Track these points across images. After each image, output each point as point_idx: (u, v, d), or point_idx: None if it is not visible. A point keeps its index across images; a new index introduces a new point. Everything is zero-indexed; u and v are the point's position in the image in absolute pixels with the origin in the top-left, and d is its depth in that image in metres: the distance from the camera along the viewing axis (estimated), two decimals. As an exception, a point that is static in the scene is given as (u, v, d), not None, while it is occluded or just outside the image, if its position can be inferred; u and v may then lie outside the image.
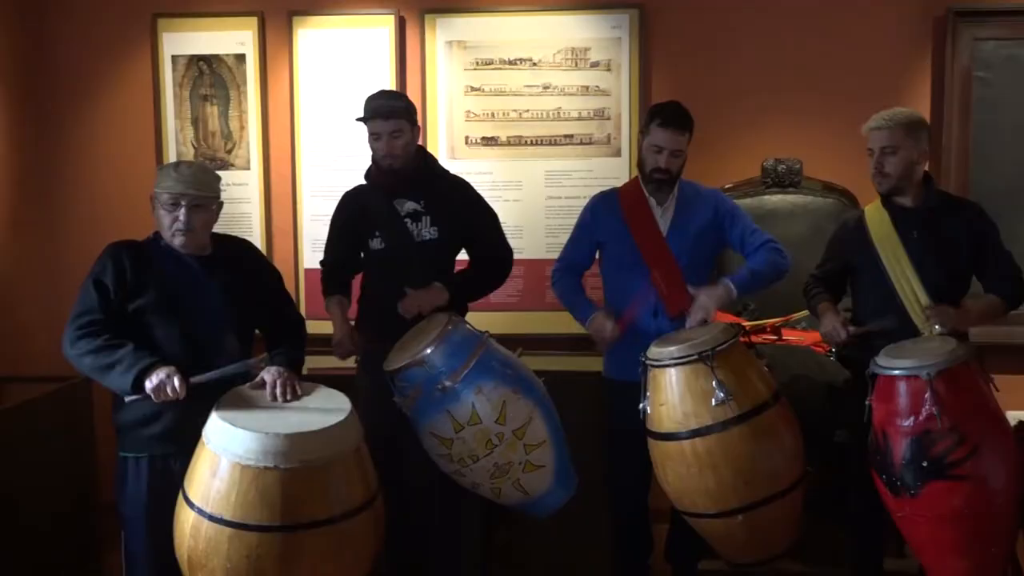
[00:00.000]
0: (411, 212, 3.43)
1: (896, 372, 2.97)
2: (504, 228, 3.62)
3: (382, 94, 3.46)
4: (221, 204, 3.11)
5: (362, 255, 3.53)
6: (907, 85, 4.43)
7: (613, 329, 3.41)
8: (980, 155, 4.43)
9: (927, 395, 2.89)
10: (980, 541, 2.97)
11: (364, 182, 3.53)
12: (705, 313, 3.33)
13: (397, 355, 3.15)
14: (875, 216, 3.37)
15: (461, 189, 3.56)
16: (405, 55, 4.56)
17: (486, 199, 3.60)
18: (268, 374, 2.92)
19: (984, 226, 3.32)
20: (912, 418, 2.93)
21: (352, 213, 3.52)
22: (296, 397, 2.90)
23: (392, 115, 3.34)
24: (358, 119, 3.40)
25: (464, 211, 3.50)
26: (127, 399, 2.85)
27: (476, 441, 3.04)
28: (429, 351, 3.04)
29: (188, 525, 2.66)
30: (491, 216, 3.58)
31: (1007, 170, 4.43)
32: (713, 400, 3.05)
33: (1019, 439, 3.17)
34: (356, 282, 3.60)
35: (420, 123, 3.51)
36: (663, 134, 3.39)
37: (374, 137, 3.38)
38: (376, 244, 3.45)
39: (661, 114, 3.42)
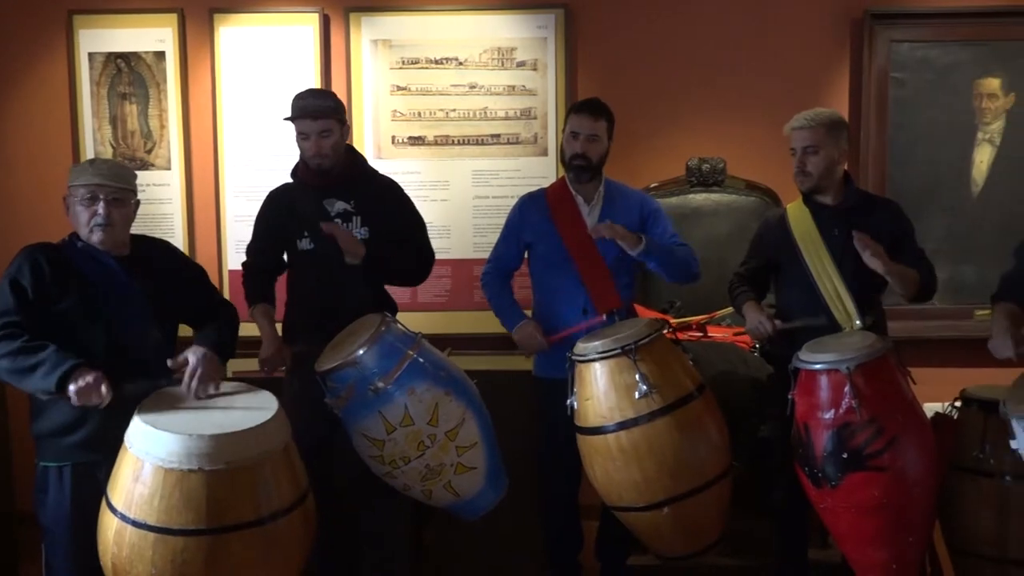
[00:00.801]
0: (341, 212, 3.40)
1: (817, 366, 3.03)
2: (431, 228, 3.62)
3: (310, 93, 3.42)
4: (138, 202, 3.04)
5: (286, 256, 3.48)
6: (826, 86, 4.53)
7: (542, 343, 3.44)
8: (897, 154, 4.55)
9: (847, 388, 2.96)
10: (899, 531, 3.05)
11: (291, 180, 3.48)
12: (610, 231, 3.33)
13: (329, 355, 3.11)
14: (797, 214, 3.43)
15: (391, 190, 3.54)
16: (330, 54, 4.52)
17: (414, 199, 3.59)
18: (192, 354, 2.86)
19: (901, 224, 3.40)
20: (833, 411, 2.99)
21: (279, 212, 3.47)
22: (215, 391, 2.85)
23: (320, 115, 3.30)
24: (286, 118, 3.36)
25: (394, 212, 3.48)
26: (44, 397, 2.76)
27: (408, 443, 3.03)
28: (362, 352, 3.02)
29: (112, 531, 2.60)
30: (419, 220, 3.57)
31: (922, 169, 4.56)
32: (636, 393, 3.08)
33: (935, 430, 3.27)
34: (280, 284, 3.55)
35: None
36: (577, 119, 3.47)
37: (302, 137, 3.34)
38: (305, 244, 3.40)
39: (577, 104, 3.52)
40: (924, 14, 4.48)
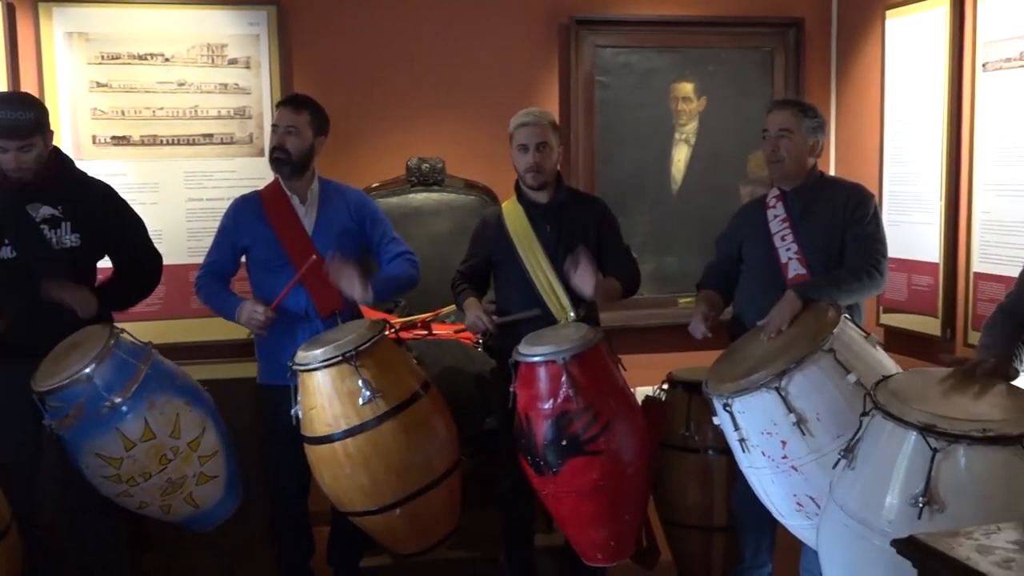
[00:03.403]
0: (48, 218, 3.17)
1: (535, 358, 3.14)
2: (142, 233, 3.41)
3: (7, 103, 3.11)
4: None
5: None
6: (538, 88, 4.70)
7: (266, 310, 3.32)
8: (604, 154, 4.80)
9: (563, 378, 3.08)
10: (616, 509, 3.22)
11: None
12: (350, 281, 3.30)
13: (48, 373, 2.90)
14: (512, 212, 3.53)
15: (103, 193, 3.34)
16: (17, 47, 4.14)
17: (124, 203, 3.39)
18: None
19: (608, 220, 3.58)
20: (551, 400, 3.11)
21: None
22: None
23: (18, 134, 3.02)
24: None
25: (107, 216, 3.28)
26: None
27: (149, 458, 2.94)
28: (92, 367, 2.86)
29: None
30: (136, 222, 3.39)
31: (627, 168, 4.83)
32: (361, 399, 3.07)
33: (646, 412, 3.48)
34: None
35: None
36: (279, 112, 3.42)
37: (0, 150, 3.05)
38: (6, 253, 3.13)
39: (283, 99, 3.47)
40: (624, 21, 4.75)
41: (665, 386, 3.77)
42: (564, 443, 3.09)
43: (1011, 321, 2.63)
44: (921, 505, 2.08)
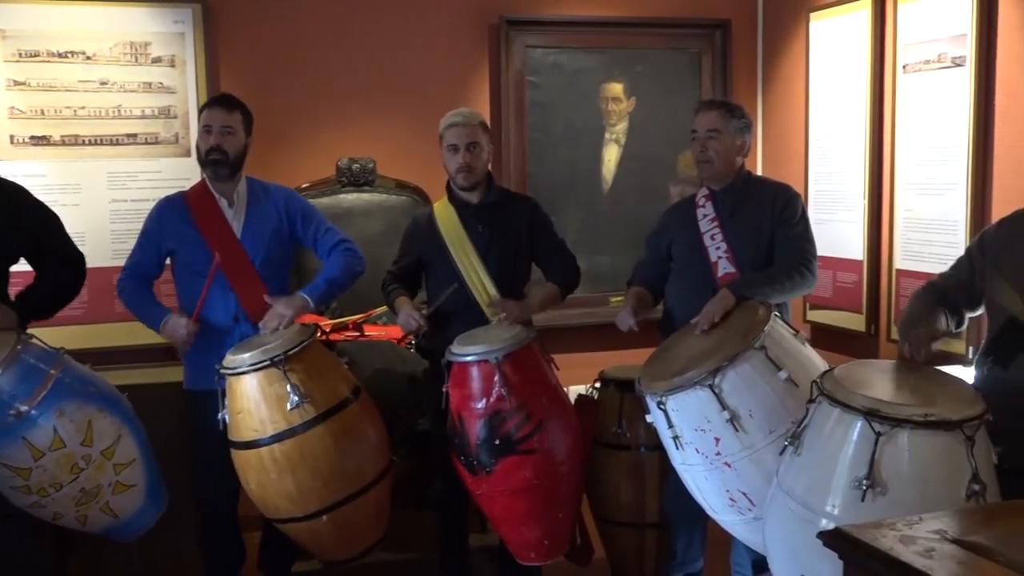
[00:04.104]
0: None
1: (468, 358, 3.13)
2: (64, 235, 3.32)
3: None
4: None
5: None
6: (469, 88, 4.69)
7: (188, 324, 3.26)
8: (535, 153, 4.81)
9: (496, 377, 3.08)
10: (550, 508, 3.23)
11: None
12: (279, 321, 3.27)
13: None
14: (443, 212, 3.52)
15: (15, 194, 3.22)
16: (-71, 43, 4.02)
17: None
18: None
19: (540, 219, 3.59)
20: (484, 400, 3.11)
21: None
22: None
23: None
24: None
25: (20, 218, 3.17)
26: None
27: (59, 467, 2.84)
28: None
29: None
30: (53, 222, 3.29)
31: (559, 166, 4.85)
32: (289, 404, 3.03)
33: (579, 411, 3.50)
34: None
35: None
36: (210, 113, 3.36)
37: None
38: None
39: (209, 99, 3.42)
40: (554, 22, 4.77)
41: (597, 384, 3.79)
42: (497, 442, 3.09)
43: (936, 296, 2.74)
44: (864, 488, 2.13)
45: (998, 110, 3.60)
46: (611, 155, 4.93)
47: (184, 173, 4.20)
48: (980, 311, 2.75)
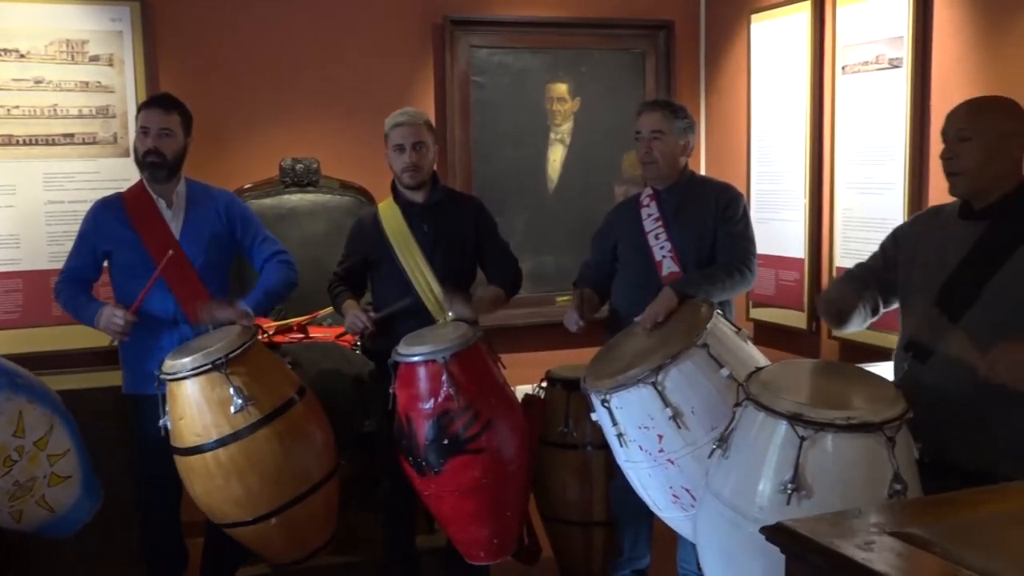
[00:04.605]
0: None
1: (415, 358, 3.12)
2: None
3: None
4: None
5: None
6: (414, 88, 4.67)
7: (126, 314, 3.20)
8: (481, 153, 4.81)
9: (444, 377, 3.07)
10: (498, 507, 3.23)
11: None
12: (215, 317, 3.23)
13: None
14: (388, 212, 3.50)
15: None
16: None
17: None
18: None
19: (485, 220, 3.59)
20: (432, 400, 3.10)
21: None
22: None
23: None
24: None
25: None
26: None
27: None
28: None
29: None
30: None
31: (504, 167, 4.86)
32: (232, 407, 2.99)
33: (526, 410, 3.50)
34: None
35: None
36: (147, 114, 3.30)
37: None
38: None
39: (147, 100, 3.35)
40: (499, 22, 4.77)
41: (544, 384, 3.80)
42: (446, 442, 3.08)
43: (856, 283, 2.81)
44: (790, 492, 2.16)
45: (933, 111, 3.67)
46: (556, 155, 4.95)
47: (123, 174, 4.12)
48: (894, 304, 2.81)
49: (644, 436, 2.84)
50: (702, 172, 4.91)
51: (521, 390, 3.76)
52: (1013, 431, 2.39)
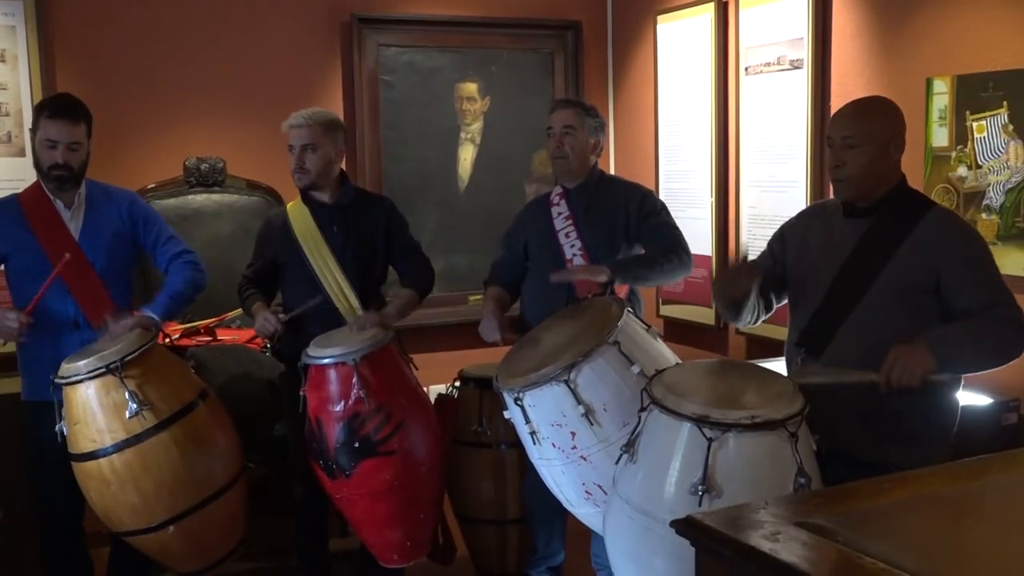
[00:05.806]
0: None
1: (325, 361, 3.09)
2: None
3: None
4: None
5: None
6: (321, 86, 4.62)
7: (20, 316, 3.07)
8: (391, 153, 4.78)
9: (355, 379, 3.04)
10: (411, 509, 3.22)
11: None
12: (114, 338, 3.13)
13: None
14: (297, 213, 3.45)
15: None
16: None
17: None
18: None
19: (396, 220, 3.56)
20: (343, 402, 3.07)
21: None
22: None
23: None
24: None
25: None
26: None
27: None
28: None
29: None
30: None
31: (414, 166, 4.83)
32: (127, 412, 2.92)
33: (439, 410, 3.49)
34: None
35: None
36: (55, 127, 3.15)
37: None
38: None
39: (50, 106, 3.19)
40: (407, 20, 4.74)
41: (457, 383, 3.80)
42: (357, 445, 3.06)
43: None
44: (700, 493, 2.19)
45: (833, 110, 3.77)
46: (467, 154, 4.94)
47: (18, 174, 3.98)
48: (784, 300, 2.88)
49: (557, 433, 2.85)
50: (612, 171, 4.96)
51: (434, 390, 3.75)
52: (901, 419, 2.49)
